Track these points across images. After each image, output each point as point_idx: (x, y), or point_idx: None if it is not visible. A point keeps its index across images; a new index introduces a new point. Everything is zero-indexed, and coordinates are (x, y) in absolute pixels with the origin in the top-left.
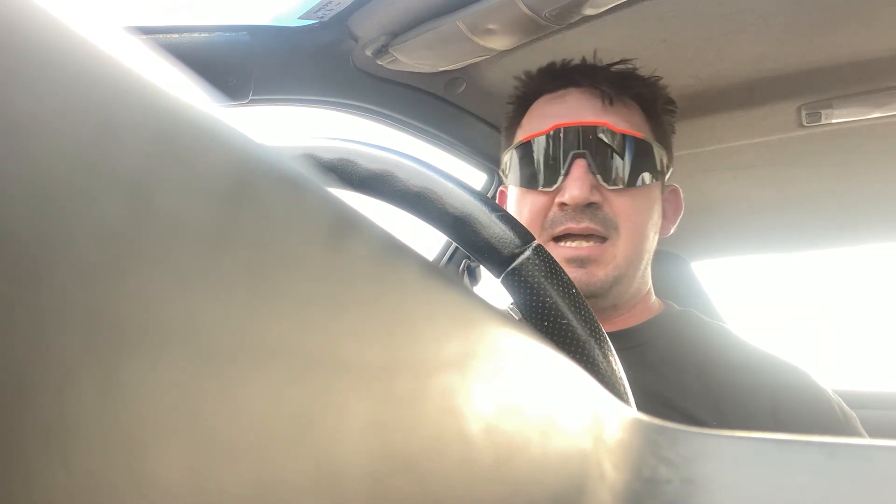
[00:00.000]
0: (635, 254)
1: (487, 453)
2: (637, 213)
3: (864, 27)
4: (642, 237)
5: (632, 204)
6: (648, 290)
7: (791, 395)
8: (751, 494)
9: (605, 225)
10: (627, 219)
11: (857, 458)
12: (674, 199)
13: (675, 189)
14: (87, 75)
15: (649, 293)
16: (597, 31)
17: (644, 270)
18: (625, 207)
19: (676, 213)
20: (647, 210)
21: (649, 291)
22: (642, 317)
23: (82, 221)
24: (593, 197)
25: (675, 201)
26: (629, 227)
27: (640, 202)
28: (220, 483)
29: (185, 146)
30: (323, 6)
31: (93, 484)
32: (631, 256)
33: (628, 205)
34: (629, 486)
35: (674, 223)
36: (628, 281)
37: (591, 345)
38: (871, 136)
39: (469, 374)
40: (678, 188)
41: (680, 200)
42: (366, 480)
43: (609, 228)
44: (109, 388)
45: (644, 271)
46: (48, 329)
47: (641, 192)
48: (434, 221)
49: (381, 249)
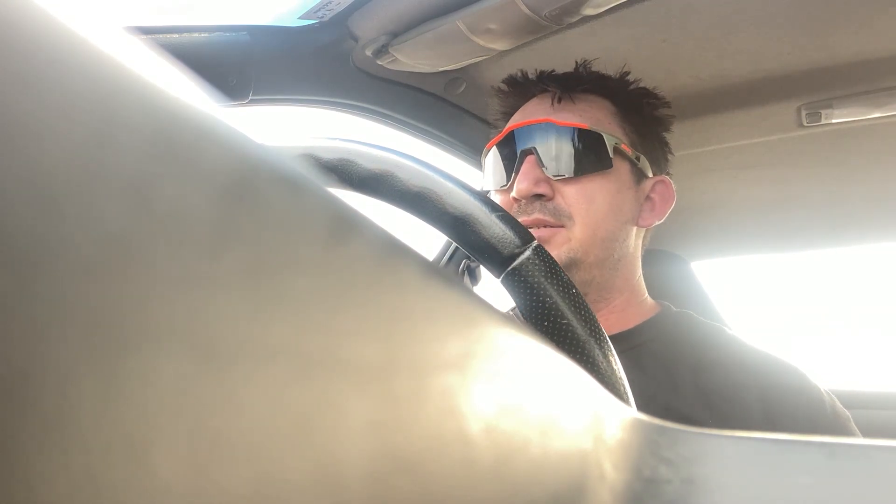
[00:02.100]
0: (593, 240)
1: (487, 453)
2: (589, 201)
3: (864, 27)
4: (599, 223)
5: (583, 192)
6: (640, 291)
7: (781, 391)
8: (751, 494)
9: (556, 215)
10: (579, 207)
11: (857, 458)
12: (663, 191)
13: (664, 180)
14: (87, 75)
15: (641, 292)
16: (597, 31)
17: (618, 262)
18: (575, 196)
19: (665, 204)
20: (603, 197)
21: (641, 292)
22: (638, 318)
23: (82, 221)
24: (539, 189)
25: (664, 192)
26: (582, 214)
27: (591, 190)
28: (221, 483)
29: (185, 146)
30: (323, 6)
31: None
32: (587, 243)
33: (579, 193)
34: (629, 486)
35: (662, 215)
36: (589, 268)
37: (591, 345)
38: (871, 136)
39: (469, 374)
40: (668, 180)
41: (670, 192)
42: (366, 480)
43: (561, 217)
44: (110, 388)
45: (618, 263)
46: (48, 329)
47: (595, 181)
48: (434, 221)
49: (381, 249)
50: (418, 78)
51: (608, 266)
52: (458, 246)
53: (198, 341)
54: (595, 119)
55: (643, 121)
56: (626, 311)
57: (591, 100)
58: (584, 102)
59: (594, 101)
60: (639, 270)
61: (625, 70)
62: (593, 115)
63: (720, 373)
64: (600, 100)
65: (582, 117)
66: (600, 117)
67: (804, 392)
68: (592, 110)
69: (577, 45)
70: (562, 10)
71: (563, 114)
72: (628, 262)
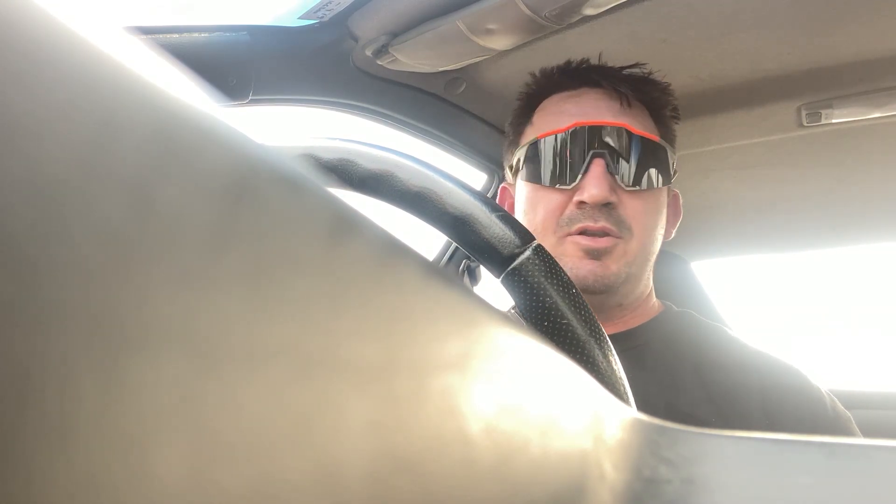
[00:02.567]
0: (643, 255)
1: (487, 453)
2: (648, 216)
3: (864, 27)
4: (652, 239)
5: (644, 206)
6: (650, 292)
7: (781, 391)
8: (751, 494)
9: (620, 225)
10: (639, 221)
11: (857, 458)
12: (675, 204)
13: (676, 194)
14: (87, 75)
15: (651, 294)
16: (597, 31)
17: (649, 273)
18: (638, 209)
19: (676, 217)
20: (656, 213)
21: (651, 293)
22: (642, 318)
23: (82, 221)
24: (611, 197)
25: (675, 206)
26: (640, 228)
27: (651, 204)
28: (221, 483)
29: (185, 146)
30: (323, 6)
31: (93, 484)
32: (640, 257)
33: (641, 207)
34: (629, 486)
35: (674, 227)
36: (635, 281)
37: (591, 345)
38: (871, 136)
39: (469, 374)
40: (678, 193)
41: (679, 205)
42: (366, 480)
43: (623, 229)
44: (110, 388)
45: (649, 273)
46: (49, 329)
47: (653, 195)
48: (434, 221)
49: (381, 249)
50: (418, 78)
51: (645, 278)
52: (458, 246)
53: (198, 341)
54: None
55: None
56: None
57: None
58: (637, 109)
59: (642, 110)
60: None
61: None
62: (646, 124)
63: (721, 372)
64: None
65: (644, 126)
66: (648, 126)
67: (805, 392)
68: (644, 118)
69: (577, 45)
70: (562, 10)
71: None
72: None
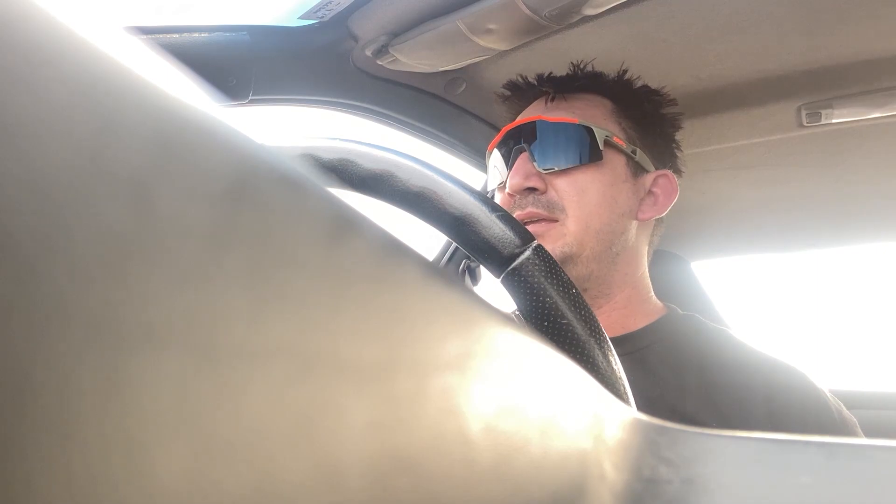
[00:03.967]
0: (587, 232)
1: (487, 453)
2: (581, 192)
3: (864, 27)
4: (592, 215)
5: (574, 184)
6: (643, 289)
7: (785, 394)
8: (751, 494)
9: (550, 207)
10: (571, 199)
11: (857, 458)
12: (665, 185)
13: (667, 174)
14: (87, 75)
15: (645, 292)
16: (597, 31)
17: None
18: (566, 188)
19: (669, 198)
20: (595, 188)
21: (645, 290)
22: (644, 320)
23: (82, 221)
24: (530, 182)
25: (666, 186)
26: (574, 205)
27: (585, 181)
28: (221, 483)
29: (185, 146)
30: (323, 6)
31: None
32: (581, 235)
33: (570, 185)
34: (629, 486)
35: (664, 208)
36: (586, 262)
37: (591, 345)
38: (871, 136)
39: (469, 374)
40: (671, 174)
41: (672, 185)
42: (366, 480)
43: (554, 210)
44: (110, 388)
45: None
46: (48, 329)
47: (586, 172)
48: (434, 221)
49: (380, 249)
50: (418, 78)
51: (606, 260)
52: (458, 246)
53: (198, 341)
54: (588, 115)
55: (644, 117)
56: (629, 309)
57: (588, 98)
58: (581, 101)
59: (591, 100)
60: (642, 268)
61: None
62: (587, 112)
63: (724, 374)
64: (599, 98)
65: (574, 113)
66: (595, 113)
67: (808, 395)
68: (587, 107)
69: (577, 45)
70: (562, 10)
71: (555, 111)
72: (628, 256)
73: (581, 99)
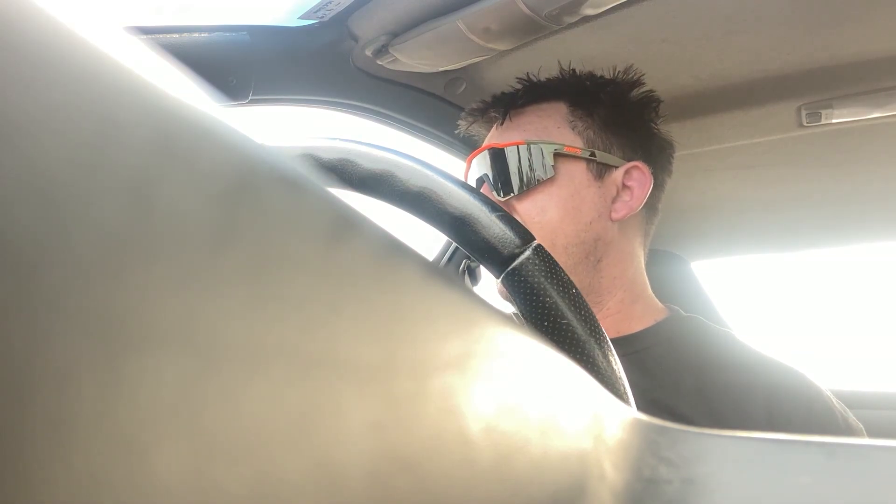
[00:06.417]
0: (555, 251)
1: (487, 453)
2: (541, 212)
3: (864, 27)
4: (557, 232)
5: (533, 205)
6: (637, 290)
7: (787, 396)
8: (751, 494)
9: None
10: (533, 220)
11: (857, 458)
12: (639, 176)
13: (637, 165)
14: (87, 75)
15: (640, 293)
16: (597, 31)
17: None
18: (527, 210)
19: (643, 188)
20: (554, 204)
21: (639, 291)
22: (644, 322)
23: (82, 221)
24: None
25: (640, 177)
26: (537, 227)
27: (543, 200)
28: (220, 483)
29: (185, 146)
30: (323, 6)
31: (93, 484)
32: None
33: (530, 207)
34: (629, 486)
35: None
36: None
37: (591, 345)
38: (871, 136)
39: (469, 374)
40: (640, 165)
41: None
42: (366, 480)
43: None
44: (109, 388)
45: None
46: (48, 329)
47: (543, 191)
48: (434, 221)
49: (381, 249)
50: (418, 78)
51: (585, 269)
52: (458, 246)
53: (198, 341)
54: (539, 128)
55: (604, 110)
56: (623, 313)
57: (542, 108)
58: (533, 114)
59: (545, 109)
60: (632, 267)
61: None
62: (538, 125)
63: (723, 376)
64: (554, 104)
65: (525, 132)
66: (547, 125)
67: (810, 398)
68: (539, 120)
69: (577, 45)
70: (562, 10)
71: (506, 134)
72: (613, 259)
73: (534, 111)
